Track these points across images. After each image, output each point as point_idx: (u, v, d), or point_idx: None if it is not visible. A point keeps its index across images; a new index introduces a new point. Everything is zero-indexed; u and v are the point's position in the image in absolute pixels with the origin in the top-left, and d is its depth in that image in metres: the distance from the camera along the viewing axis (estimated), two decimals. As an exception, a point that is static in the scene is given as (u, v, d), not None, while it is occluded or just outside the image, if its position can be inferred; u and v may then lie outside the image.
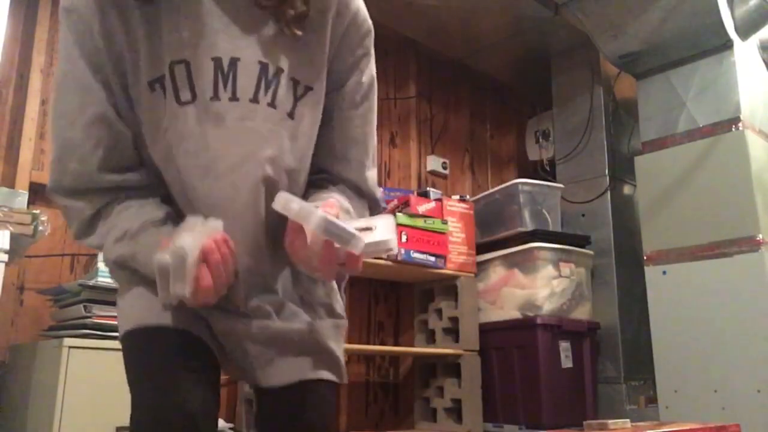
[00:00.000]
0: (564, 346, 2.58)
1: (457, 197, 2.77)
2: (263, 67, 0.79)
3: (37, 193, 1.97)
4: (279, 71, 0.80)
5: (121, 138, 0.80)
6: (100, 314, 1.66)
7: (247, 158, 0.79)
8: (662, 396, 2.43)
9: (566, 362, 2.57)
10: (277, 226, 0.79)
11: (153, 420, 0.73)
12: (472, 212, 2.70)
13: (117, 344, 0.83)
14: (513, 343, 2.58)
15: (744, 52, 2.58)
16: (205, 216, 0.75)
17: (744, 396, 2.21)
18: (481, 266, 2.72)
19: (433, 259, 2.48)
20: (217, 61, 0.78)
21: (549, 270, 2.63)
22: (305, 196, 0.85)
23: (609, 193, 2.96)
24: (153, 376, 0.75)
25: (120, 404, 0.91)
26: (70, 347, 1.56)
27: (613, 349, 2.78)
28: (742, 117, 2.44)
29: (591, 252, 2.85)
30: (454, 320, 2.59)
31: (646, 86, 2.75)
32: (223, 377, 0.94)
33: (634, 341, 2.79)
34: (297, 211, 0.69)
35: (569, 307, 2.67)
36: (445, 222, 2.54)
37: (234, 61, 0.78)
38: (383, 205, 2.48)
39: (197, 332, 0.79)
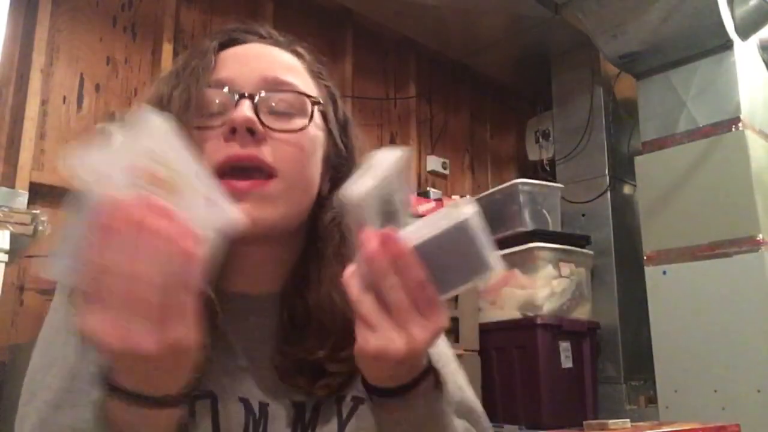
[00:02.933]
0: (564, 346, 2.57)
1: (457, 197, 2.77)
2: (299, 410, 0.64)
3: (37, 193, 1.97)
4: (319, 404, 0.65)
5: None
6: (100, 314, 1.65)
7: None
8: (662, 396, 2.43)
9: (566, 362, 2.57)
10: None
11: None
12: (472, 212, 2.69)
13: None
14: (513, 343, 2.57)
15: (744, 52, 2.58)
16: None
17: (744, 396, 2.20)
18: (481, 266, 2.72)
19: (433, 259, 2.48)
20: (246, 404, 0.62)
21: (549, 270, 2.63)
22: None
23: (609, 193, 2.96)
24: None
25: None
26: (70, 347, 1.55)
27: (613, 349, 2.78)
28: (742, 117, 2.44)
29: (591, 252, 2.85)
30: (454, 320, 2.58)
31: (646, 86, 2.75)
32: None
33: (634, 341, 2.79)
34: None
35: (569, 307, 2.66)
36: (445, 222, 2.54)
37: (264, 407, 0.63)
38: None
39: None
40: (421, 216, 0.51)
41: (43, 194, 2.01)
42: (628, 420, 1.90)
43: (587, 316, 2.74)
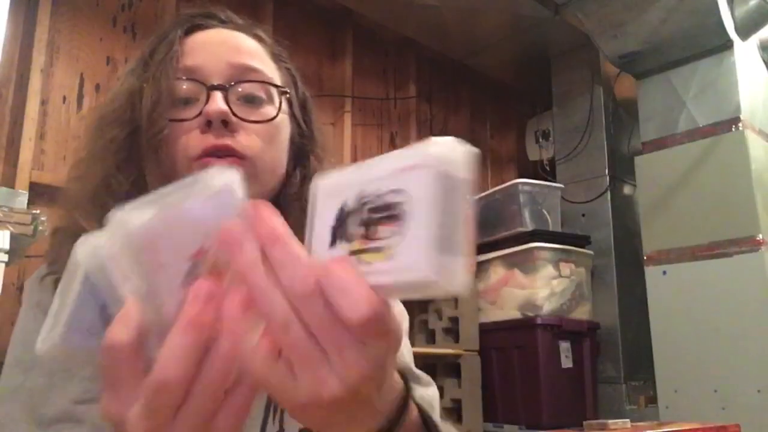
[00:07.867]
0: (564, 346, 2.57)
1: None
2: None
3: (37, 193, 1.97)
4: None
5: None
6: (100, 314, 1.65)
7: None
8: (662, 396, 2.43)
9: (566, 362, 2.57)
10: None
11: None
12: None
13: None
14: (513, 343, 2.57)
15: (744, 52, 2.58)
16: None
17: (744, 396, 2.20)
18: (481, 266, 2.72)
19: (433, 259, 2.48)
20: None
21: (549, 270, 2.63)
22: None
23: (609, 193, 2.96)
24: None
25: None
26: (70, 347, 1.55)
27: (613, 349, 2.78)
28: (742, 117, 2.43)
29: (591, 252, 2.85)
30: (454, 320, 2.59)
31: (646, 86, 2.75)
32: None
33: (634, 341, 2.79)
34: None
35: (569, 307, 2.66)
36: (445, 222, 2.54)
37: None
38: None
39: None
40: None
41: (43, 194, 2.01)
42: (628, 420, 1.90)
43: (587, 316, 2.74)
